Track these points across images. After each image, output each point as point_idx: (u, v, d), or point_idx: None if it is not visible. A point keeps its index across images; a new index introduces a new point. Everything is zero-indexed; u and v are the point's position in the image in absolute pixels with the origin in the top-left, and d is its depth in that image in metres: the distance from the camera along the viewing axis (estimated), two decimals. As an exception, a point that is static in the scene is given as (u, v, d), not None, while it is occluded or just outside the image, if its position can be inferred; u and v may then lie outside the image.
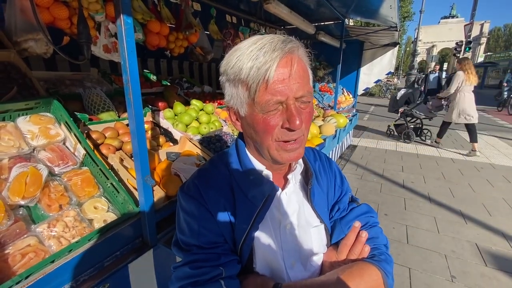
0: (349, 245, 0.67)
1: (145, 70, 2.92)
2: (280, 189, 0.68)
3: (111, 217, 1.11)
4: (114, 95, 2.03)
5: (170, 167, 1.45)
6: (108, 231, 1.03)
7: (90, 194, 1.15)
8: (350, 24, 5.98)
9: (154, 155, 1.52)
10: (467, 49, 13.04)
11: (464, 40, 12.95)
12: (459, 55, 13.31)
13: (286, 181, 0.71)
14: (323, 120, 3.59)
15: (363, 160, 4.95)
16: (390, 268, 0.64)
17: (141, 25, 2.10)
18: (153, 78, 2.73)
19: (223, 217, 0.63)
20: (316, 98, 5.04)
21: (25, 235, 0.93)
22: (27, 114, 1.24)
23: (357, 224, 0.70)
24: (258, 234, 0.64)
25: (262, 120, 0.56)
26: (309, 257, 0.68)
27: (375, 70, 5.86)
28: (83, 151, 1.25)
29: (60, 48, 1.26)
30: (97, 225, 1.07)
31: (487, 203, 3.30)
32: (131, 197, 1.17)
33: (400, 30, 4.54)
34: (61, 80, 1.86)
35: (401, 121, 5.99)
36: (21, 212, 0.99)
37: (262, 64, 0.52)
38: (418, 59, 21.85)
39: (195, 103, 2.26)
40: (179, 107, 2.12)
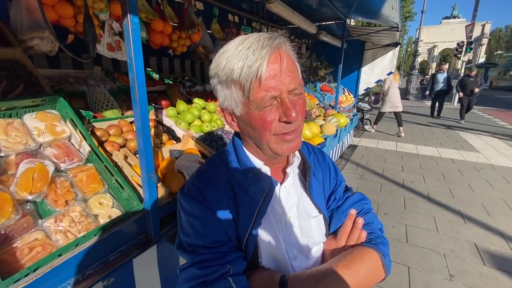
0: (347, 232, 0.70)
1: (147, 69, 2.93)
2: (279, 183, 0.69)
3: (115, 213, 1.13)
4: (117, 93, 2.04)
5: (173, 164, 1.47)
6: (113, 227, 1.05)
7: (95, 190, 1.17)
8: (351, 24, 5.98)
9: (158, 152, 1.54)
10: (468, 49, 12.97)
11: (465, 40, 12.90)
12: (460, 55, 13.29)
13: (284, 174, 0.72)
14: (324, 120, 3.60)
15: (363, 159, 4.97)
16: (387, 250, 0.67)
17: (144, 24, 2.11)
18: (155, 76, 2.74)
19: (226, 215, 0.64)
20: (317, 97, 5.05)
21: (32, 230, 0.95)
22: (33, 111, 1.25)
23: (353, 212, 0.72)
24: (261, 229, 0.65)
25: (259, 116, 0.57)
26: (311, 247, 0.70)
27: (376, 70, 5.85)
28: (88, 148, 1.27)
29: (65, 46, 1.28)
30: (102, 220, 1.09)
31: (486, 203, 3.31)
32: (135, 193, 1.18)
33: (401, 30, 4.56)
34: (65, 78, 1.88)
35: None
36: (28, 207, 1.01)
37: (253, 62, 0.53)
38: (419, 59, 21.84)
39: (198, 101, 2.28)
40: (181, 105, 2.13)
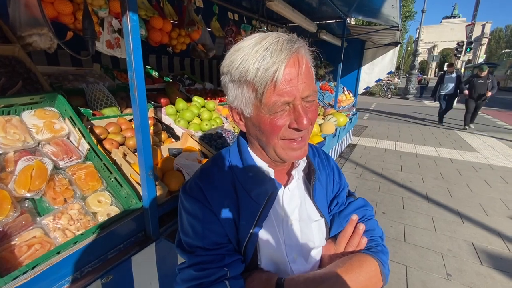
0: (347, 238, 0.70)
1: (146, 66, 2.92)
2: (283, 186, 0.68)
3: (114, 211, 1.13)
4: (116, 91, 2.04)
5: (172, 162, 1.46)
6: (112, 225, 1.05)
7: (94, 188, 1.17)
8: (351, 23, 5.97)
9: (157, 150, 1.53)
10: (468, 49, 12.97)
11: (465, 40, 12.89)
12: (459, 55, 13.28)
13: (289, 177, 0.71)
14: (323, 119, 3.60)
15: (362, 159, 4.97)
16: (386, 258, 0.66)
17: (143, 21, 2.10)
18: (154, 74, 2.74)
19: (227, 217, 0.63)
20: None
21: (30, 227, 0.95)
22: (32, 109, 1.24)
23: (354, 217, 0.72)
24: (263, 231, 0.64)
25: (269, 121, 0.56)
26: (310, 250, 0.69)
27: (376, 69, 5.85)
28: (87, 146, 1.26)
29: (64, 43, 1.27)
30: (101, 218, 1.09)
31: (484, 203, 3.33)
32: (134, 191, 1.18)
33: (401, 30, 4.55)
34: (64, 75, 1.87)
35: None
36: (26, 205, 1.01)
37: (270, 66, 0.51)
38: (419, 59, 21.81)
39: (197, 99, 2.27)
40: (181, 103, 2.13)
